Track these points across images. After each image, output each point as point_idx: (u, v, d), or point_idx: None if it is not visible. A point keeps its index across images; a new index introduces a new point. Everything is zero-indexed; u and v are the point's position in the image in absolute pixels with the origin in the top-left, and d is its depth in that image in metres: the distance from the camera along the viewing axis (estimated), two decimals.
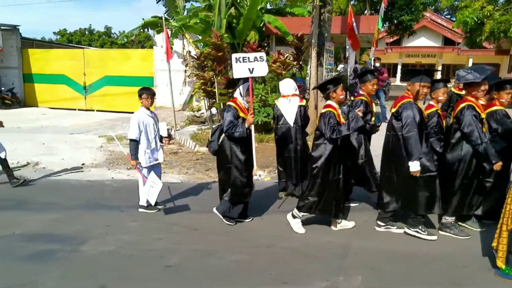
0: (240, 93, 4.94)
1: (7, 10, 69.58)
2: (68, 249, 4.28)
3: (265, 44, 12.78)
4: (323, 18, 9.48)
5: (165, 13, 13.49)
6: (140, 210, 5.44)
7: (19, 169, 7.64)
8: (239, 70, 5.06)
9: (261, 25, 12.27)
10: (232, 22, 11.72)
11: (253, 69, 5.07)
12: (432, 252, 4.19)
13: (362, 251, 4.26)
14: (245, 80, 5.02)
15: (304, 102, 5.95)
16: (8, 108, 17.52)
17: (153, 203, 5.34)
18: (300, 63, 10.60)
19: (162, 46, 15.39)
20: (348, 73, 10.72)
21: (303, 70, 11.07)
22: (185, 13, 13.59)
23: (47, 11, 77.90)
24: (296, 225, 4.76)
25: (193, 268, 3.92)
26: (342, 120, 4.62)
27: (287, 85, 5.91)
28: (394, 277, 3.75)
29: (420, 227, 4.49)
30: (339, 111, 4.64)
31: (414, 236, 4.49)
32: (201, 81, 9.82)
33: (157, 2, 14.62)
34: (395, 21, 16.01)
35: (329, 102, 4.63)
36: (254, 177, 7.20)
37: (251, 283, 3.67)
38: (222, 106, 9.55)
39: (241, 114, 4.82)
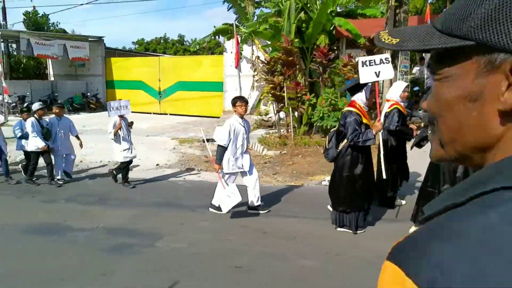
0: (365, 97, 4.68)
1: (94, 23, 76.52)
2: (144, 244, 4.52)
3: (335, 48, 12.52)
4: (399, 19, 9.05)
5: (235, 20, 13.82)
6: (211, 209, 5.55)
7: (104, 167, 8.30)
8: (365, 74, 4.77)
9: (331, 28, 12.05)
10: (301, 27, 11.65)
11: (379, 72, 4.75)
12: None
13: None
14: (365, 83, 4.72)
15: (391, 108, 5.36)
16: (92, 111, 19.19)
17: (224, 211, 5.30)
18: None
19: (231, 52, 15.82)
20: (425, 76, 10.11)
21: None
22: (255, 19, 13.81)
23: (128, 22, 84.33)
24: None
25: (262, 270, 3.91)
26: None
27: (390, 89, 5.56)
28: None
29: None
30: None
31: None
32: (270, 85, 9.88)
33: (228, 10, 15.03)
34: None
35: None
36: (323, 182, 7.08)
37: None
38: (290, 110, 9.52)
39: (364, 120, 4.60)
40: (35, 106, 7.42)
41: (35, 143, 7.01)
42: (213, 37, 15.54)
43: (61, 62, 20.59)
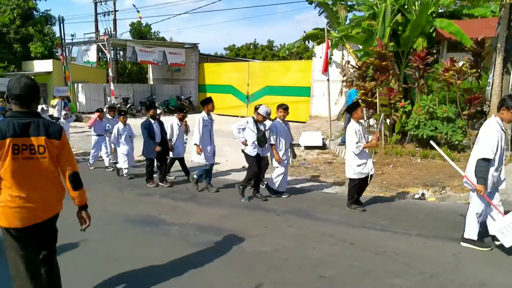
0: None
1: (190, 31, 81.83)
2: (230, 243, 4.60)
3: (434, 51, 11.61)
4: None
5: (327, 24, 13.61)
6: (463, 244, 4.50)
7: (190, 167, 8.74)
8: None
9: (431, 30, 11.20)
10: (397, 30, 11.02)
11: None
12: None
13: None
14: None
15: None
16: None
17: (507, 245, 4.13)
18: (479, 71, 9.24)
19: (320, 57, 15.61)
20: None
21: (481, 79, 9.63)
22: (347, 23, 13.45)
23: (220, 29, 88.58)
24: None
25: (348, 284, 3.72)
26: None
27: None
28: None
29: None
30: None
31: None
32: (362, 91, 9.49)
33: (319, 14, 14.86)
34: None
35: None
36: (416, 196, 6.58)
37: None
38: (382, 118, 9.03)
39: None
40: (262, 109, 6.34)
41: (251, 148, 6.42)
42: (302, 42, 15.48)
43: (160, 67, 22.34)
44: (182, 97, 21.28)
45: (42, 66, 22.21)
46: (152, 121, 7.34)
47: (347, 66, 13.80)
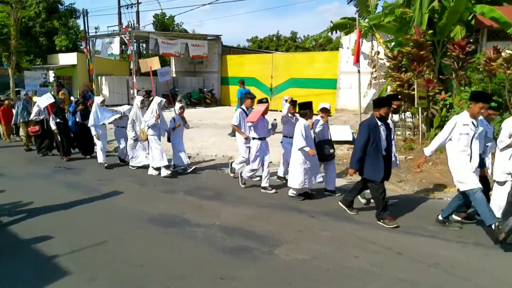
0: None
1: (212, 23, 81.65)
2: (263, 250, 4.19)
3: (472, 40, 10.81)
4: None
5: (356, 13, 12.93)
6: None
7: (214, 160, 8.43)
8: None
9: (469, 17, 10.40)
10: (433, 17, 10.29)
11: None
12: None
13: None
14: None
15: None
16: (208, 106, 20.15)
17: None
18: None
19: (348, 48, 14.96)
20: None
21: None
22: (377, 11, 12.75)
23: (243, 21, 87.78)
24: None
25: None
26: None
27: None
28: None
29: None
30: None
31: None
32: (397, 83, 8.86)
33: (348, 3, 14.21)
34: None
35: None
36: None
37: None
38: (420, 111, 8.43)
39: None
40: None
41: None
42: (329, 33, 14.83)
43: (182, 60, 22.08)
44: (205, 89, 20.99)
45: (67, 59, 22.32)
46: (379, 123, 4.81)
47: (377, 57, 13.13)
